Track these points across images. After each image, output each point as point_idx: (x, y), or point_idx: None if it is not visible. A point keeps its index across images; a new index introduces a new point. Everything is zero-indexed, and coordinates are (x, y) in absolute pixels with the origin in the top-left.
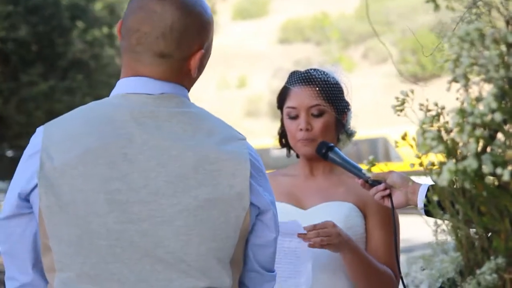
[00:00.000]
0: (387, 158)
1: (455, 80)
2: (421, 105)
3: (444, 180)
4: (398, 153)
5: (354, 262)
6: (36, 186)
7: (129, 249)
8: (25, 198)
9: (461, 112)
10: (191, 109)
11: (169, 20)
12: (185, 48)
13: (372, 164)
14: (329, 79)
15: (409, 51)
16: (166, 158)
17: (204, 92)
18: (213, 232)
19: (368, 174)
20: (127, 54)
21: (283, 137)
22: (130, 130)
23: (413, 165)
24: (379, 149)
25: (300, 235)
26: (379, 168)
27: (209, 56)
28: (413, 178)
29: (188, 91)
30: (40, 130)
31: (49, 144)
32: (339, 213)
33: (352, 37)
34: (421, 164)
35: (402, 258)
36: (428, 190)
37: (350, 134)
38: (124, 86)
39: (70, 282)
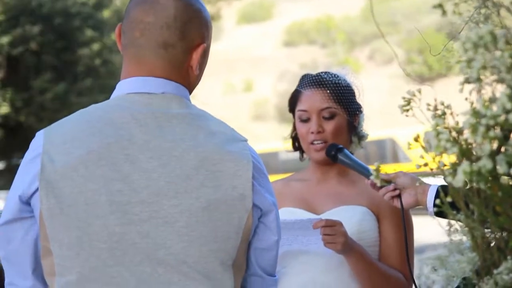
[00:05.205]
0: (395, 159)
1: (467, 81)
2: (429, 105)
3: (459, 181)
4: (406, 154)
5: (358, 265)
6: (37, 189)
7: (129, 251)
8: (26, 202)
9: (475, 113)
10: (193, 110)
11: (172, 10)
12: (188, 39)
13: (378, 170)
14: (340, 81)
15: (415, 52)
16: (167, 158)
17: (210, 97)
18: (215, 233)
19: (376, 180)
20: (129, 50)
21: (296, 141)
22: (131, 131)
23: (419, 166)
24: (387, 150)
25: (316, 225)
26: (385, 171)
27: (207, 59)
28: (423, 179)
29: (190, 93)
30: (40, 133)
31: (50, 147)
32: (353, 217)
33: (358, 39)
34: (425, 165)
35: (414, 259)
36: (437, 191)
37: (361, 137)
38: (124, 87)
39: (70, 286)
